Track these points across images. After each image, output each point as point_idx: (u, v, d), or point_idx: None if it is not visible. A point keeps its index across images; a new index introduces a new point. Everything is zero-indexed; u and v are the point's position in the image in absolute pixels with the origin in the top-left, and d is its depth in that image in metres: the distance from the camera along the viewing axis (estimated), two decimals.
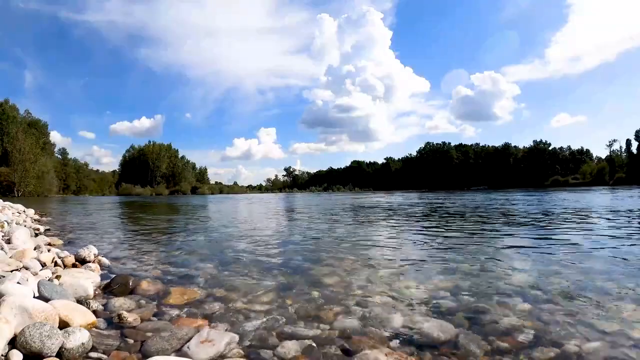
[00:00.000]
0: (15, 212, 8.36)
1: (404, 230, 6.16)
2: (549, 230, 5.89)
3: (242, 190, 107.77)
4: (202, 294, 2.37)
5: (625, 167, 71.28)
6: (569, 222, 6.68)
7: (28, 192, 55.83)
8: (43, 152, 63.07)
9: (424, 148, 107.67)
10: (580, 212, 8.78)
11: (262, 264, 3.32)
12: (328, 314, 2.01)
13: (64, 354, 1.46)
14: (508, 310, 2.01)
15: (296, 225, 7.67)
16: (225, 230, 6.49)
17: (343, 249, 4.16)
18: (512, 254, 3.71)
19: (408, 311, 2.04)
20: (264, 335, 1.73)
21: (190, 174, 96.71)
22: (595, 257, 3.41)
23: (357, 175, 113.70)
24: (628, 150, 74.53)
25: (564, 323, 1.82)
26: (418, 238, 5.05)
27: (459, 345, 1.61)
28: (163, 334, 1.68)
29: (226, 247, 4.43)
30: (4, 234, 4.13)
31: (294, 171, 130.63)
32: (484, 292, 2.37)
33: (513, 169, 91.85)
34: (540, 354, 1.52)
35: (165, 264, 3.35)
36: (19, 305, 1.60)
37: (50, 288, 2.01)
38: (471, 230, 6.03)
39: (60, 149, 77.36)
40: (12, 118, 61.27)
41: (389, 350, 1.56)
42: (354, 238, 5.26)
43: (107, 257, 3.51)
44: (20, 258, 2.72)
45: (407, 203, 15.86)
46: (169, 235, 5.83)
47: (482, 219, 7.71)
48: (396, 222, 7.50)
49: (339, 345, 1.63)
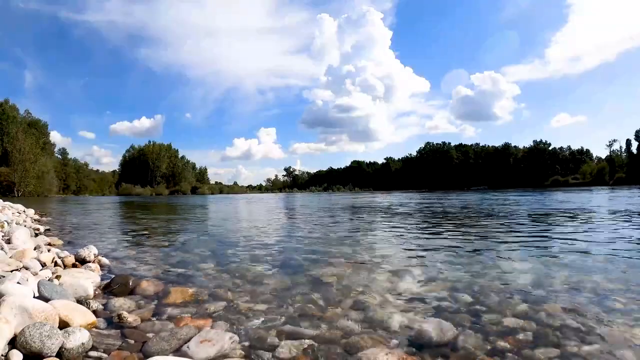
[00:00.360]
0: (15, 212, 8.37)
1: (404, 230, 6.16)
2: (549, 230, 5.89)
3: (242, 190, 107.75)
4: (202, 293, 2.37)
5: (625, 167, 71.28)
6: (569, 222, 6.68)
7: (28, 192, 55.83)
8: (43, 152, 63.07)
9: (424, 148, 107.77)
10: (580, 212, 8.79)
11: (262, 264, 3.32)
12: (328, 313, 2.01)
13: (64, 353, 1.46)
14: (508, 310, 2.01)
15: (296, 225, 7.67)
16: (225, 230, 6.49)
17: (343, 249, 4.16)
18: (512, 254, 3.71)
19: (408, 311, 2.04)
20: (264, 335, 1.73)
21: (190, 174, 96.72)
22: (595, 257, 3.41)
23: (357, 175, 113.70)
24: (628, 150, 74.55)
25: (564, 323, 1.82)
26: (418, 238, 5.04)
27: (459, 345, 1.61)
28: (163, 334, 1.68)
29: (226, 246, 4.43)
30: (4, 234, 4.14)
31: (294, 171, 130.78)
32: (484, 292, 2.37)
33: (513, 169, 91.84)
34: (540, 354, 1.52)
35: (165, 264, 3.35)
36: (19, 305, 1.60)
37: (50, 288, 2.01)
38: (471, 230, 6.03)
39: (60, 149, 77.50)
40: (12, 118, 61.28)
41: (389, 350, 1.56)
42: (354, 238, 5.26)
43: (107, 257, 3.52)
44: (20, 258, 2.73)
45: (407, 203, 15.86)
46: (169, 235, 5.83)
47: (481, 219, 7.71)
48: (396, 222, 7.50)
49: (340, 345, 1.63)
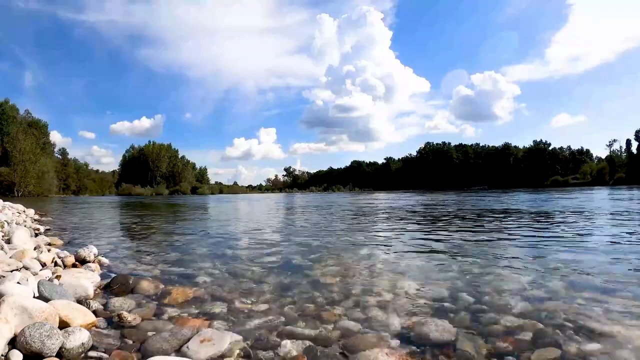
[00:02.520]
0: (15, 212, 8.37)
1: (404, 230, 6.16)
2: (549, 230, 5.89)
3: (242, 190, 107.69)
4: (202, 293, 2.37)
5: (625, 167, 71.24)
6: (569, 222, 6.68)
7: (28, 192, 55.78)
8: (43, 152, 62.98)
9: (424, 148, 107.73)
10: (580, 211, 8.78)
11: (262, 264, 3.32)
12: (328, 313, 2.01)
13: (64, 353, 1.47)
14: (508, 310, 2.01)
15: (296, 225, 7.67)
16: (225, 230, 6.49)
17: (343, 249, 4.16)
18: (512, 254, 3.71)
19: (408, 311, 2.04)
20: (264, 335, 1.73)
21: (190, 174, 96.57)
22: (595, 257, 3.41)
23: (357, 175, 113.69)
24: (628, 150, 74.56)
25: (564, 323, 1.82)
26: (418, 238, 5.04)
27: (459, 346, 1.61)
28: (163, 334, 1.69)
29: (226, 246, 4.43)
30: (4, 234, 4.14)
31: (294, 171, 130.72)
32: (484, 292, 2.37)
33: (513, 169, 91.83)
34: (540, 354, 1.52)
35: (165, 264, 3.35)
36: (19, 305, 1.60)
37: (50, 288, 2.01)
38: (471, 230, 6.03)
39: (60, 149, 77.34)
40: (12, 118, 61.24)
41: (389, 350, 1.56)
42: (354, 238, 5.26)
43: (107, 257, 3.51)
44: (20, 258, 2.72)
45: (406, 203, 15.86)
46: (169, 235, 5.82)
47: (481, 219, 7.70)
48: (396, 222, 7.50)
49: (340, 345, 1.63)
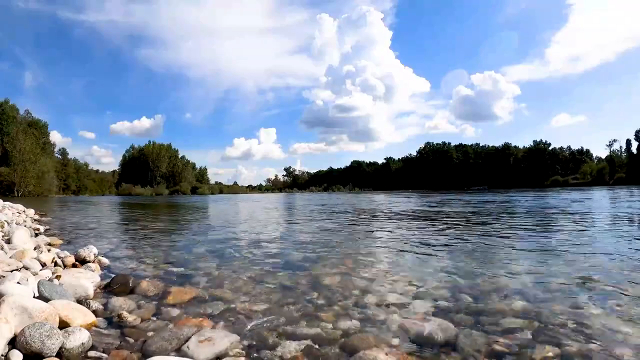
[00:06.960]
0: (15, 212, 8.37)
1: (404, 230, 6.16)
2: (548, 229, 5.89)
3: (242, 190, 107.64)
4: (202, 293, 2.37)
5: (625, 167, 71.21)
6: (569, 222, 6.68)
7: (28, 192, 55.72)
8: (43, 152, 62.89)
9: (424, 148, 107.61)
10: (580, 211, 8.78)
11: (262, 264, 3.32)
12: (328, 313, 2.01)
13: (64, 353, 1.47)
14: (508, 310, 2.01)
15: (296, 225, 7.67)
16: (225, 230, 6.48)
17: (343, 249, 4.16)
18: (511, 254, 3.71)
19: (408, 311, 2.04)
20: (264, 335, 1.73)
21: (190, 174, 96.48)
22: (595, 257, 3.41)
23: (357, 175, 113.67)
24: (628, 150, 74.50)
25: (564, 323, 1.82)
26: (418, 238, 5.04)
27: (459, 345, 1.61)
28: (163, 334, 1.69)
29: (226, 246, 4.43)
30: (4, 234, 4.14)
31: (294, 171, 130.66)
32: (484, 292, 2.37)
33: (513, 169, 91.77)
34: (540, 354, 1.52)
35: (165, 264, 3.35)
36: (19, 305, 1.60)
37: (50, 288, 2.01)
38: (471, 230, 6.03)
39: (60, 149, 77.20)
40: (12, 118, 61.16)
41: (389, 350, 1.56)
42: (354, 238, 5.26)
43: (107, 256, 3.52)
44: (20, 258, 2.72)
45: (406, 203, 15.86)
46: (169, 235, 5.83)
47: (481, 219, 7.71)
48: (396, 222, 7.50)
49: (339, 345, 1.64)
